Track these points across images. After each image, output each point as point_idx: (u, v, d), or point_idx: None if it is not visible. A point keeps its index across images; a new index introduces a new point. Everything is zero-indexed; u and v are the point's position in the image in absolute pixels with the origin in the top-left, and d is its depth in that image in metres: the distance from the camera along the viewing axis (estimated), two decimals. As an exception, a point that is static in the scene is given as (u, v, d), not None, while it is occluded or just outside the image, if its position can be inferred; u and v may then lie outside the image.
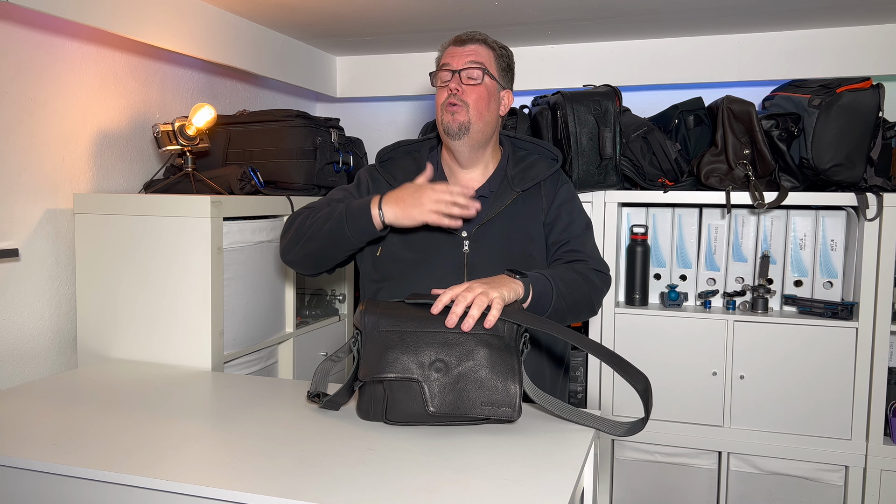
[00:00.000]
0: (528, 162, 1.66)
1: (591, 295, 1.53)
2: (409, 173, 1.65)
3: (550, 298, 1.42)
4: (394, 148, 1.75)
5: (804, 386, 2.23)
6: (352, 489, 1.07)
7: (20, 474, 1.23)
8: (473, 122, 1.56)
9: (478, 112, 1.56)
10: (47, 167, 1.94)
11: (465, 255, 1.57)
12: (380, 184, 1.68)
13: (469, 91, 1.56)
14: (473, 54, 1.58)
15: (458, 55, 1.59)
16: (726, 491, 2.32)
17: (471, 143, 1.59)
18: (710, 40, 2.67)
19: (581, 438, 1.29)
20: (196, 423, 1.40)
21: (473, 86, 1.57)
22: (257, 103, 2.92)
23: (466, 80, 1.57)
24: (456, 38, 1.62)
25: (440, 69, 1.61)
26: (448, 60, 1.60)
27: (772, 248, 2.36)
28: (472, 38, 1.60)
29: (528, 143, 1.72)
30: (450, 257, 1.57)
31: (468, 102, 1.56)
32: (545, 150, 1.70)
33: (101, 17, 1.87)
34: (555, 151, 1.70)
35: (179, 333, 1.87)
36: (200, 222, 1.84)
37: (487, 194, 1.61)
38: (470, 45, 1.59)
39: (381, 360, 1.29)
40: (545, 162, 1.67)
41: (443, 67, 1.60)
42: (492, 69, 1.60)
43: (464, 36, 1.61)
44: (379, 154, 1.74)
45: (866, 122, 2.16)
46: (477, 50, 1.59)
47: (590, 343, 1.32)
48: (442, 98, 1.59)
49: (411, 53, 3.03)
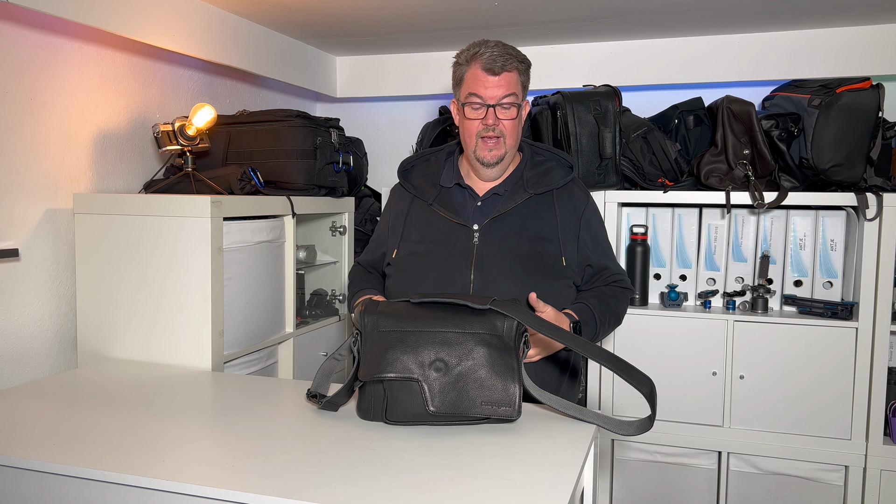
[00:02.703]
0: (545, 168, 1.69)
1: (621, 312, 1.68)
2: (425, 176, 1.71)
3: (593, 334, 1.58)
4: (416, 157, 1.78)
5: (804, 386, 2.23)
6: (352, 489, 1.07)
7: (20, 474, 1.23)
8: (509, 151, 1.61)
9: (512, 142, 1.61)
10: (47, 167, 1.94)
11: (474, 247, 1.59)
12: (402, 195, 1.74)
13: (505, 123, 1.57)
14: (507, 86, 1.55)
15: (491, 87, 1.55)
16: (726, 491, 2.32)
17: (502, 168, 1.64)
18: (710, 40, 2.67)
19: (581, 438, 1.29)
20: (196, 423, 1.40)
21: (509, 119, 1.57)
22: (257, 103, 2.92)
23: (501, 112, 1.56)
24: (484, 62, 1.55)
25: (469, 100, 1.57)
26: (480, 91, 1.55)
27: (772, 248, 2.36)
28: (504, 67, 1.54)
29: (546, 150, 1.75)
30: (460, 248, 1.60)
31: (504, 134, 1.58)
32: (562, 158, 1.74)
33: (101, 17, 1.87)
34: (570, 160, 1.73)
35: (179, 333, 1.87)
36: (200, 222, 1.84)
37: (502, 192, 1.64)
38: (504, 74, 1.55)
39: (381, 360, 1.29)
40: (561, 170, 1.70)
41: (474, 98, 1.56)
42: (520, 94, 1.60)
43: (496, 66, 1.54)
44: (400, 165, 1.77)
45: (866, 122, 2.16)
46: (510, 81, 1.56)
47: (592, 348, 1.31)
48: (475, 128, 1.58)
49: (411, 53, 3.03)
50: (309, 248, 2.63)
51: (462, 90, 1.60)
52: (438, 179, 1.69)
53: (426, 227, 1.65)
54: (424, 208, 1.67)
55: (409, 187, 1.72)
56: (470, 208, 1.64)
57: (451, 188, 1.67)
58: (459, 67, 1.61)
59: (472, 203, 1.65)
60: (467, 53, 1.59)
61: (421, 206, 1.68)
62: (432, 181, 1.69)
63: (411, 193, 1.71)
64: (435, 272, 1.59)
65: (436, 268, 1.59)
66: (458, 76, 1.62)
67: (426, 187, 1.69)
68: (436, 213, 1.65)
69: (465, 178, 1.68)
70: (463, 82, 1.60)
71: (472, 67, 1.57)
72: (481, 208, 1.64)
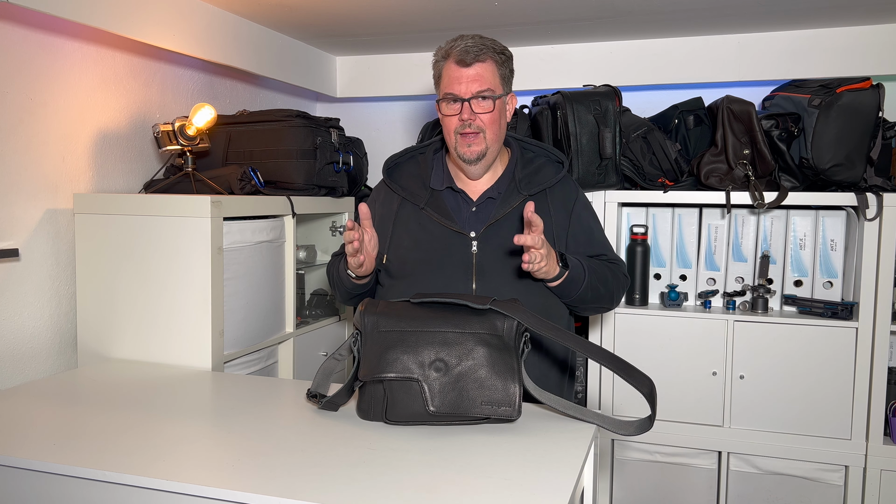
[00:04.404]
0: (536, 165, 1.66)
1: (615, 290, 1.64)
2: (413, 177, 1.66)
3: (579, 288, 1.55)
4: (401, 154, 1.74)
5: (804, 386, 2.23)
6: (352, 489, 1.07)
7: (20, 474, 1.23)
8: (490, 146, 1.56)
9: (493, 136, 1.56)
10: (47, 167, 1.94)
11: (473, 256, 1.57)
12: (388, 196, 1.69)
13: (482, 118, 1.53)
14: (479, 79, 1.51)
15: (463, 81, 1.51)
16: (726, 491, 2.32)
17: (486, 164, 1.59)
18: (710, 40, 2.67)
19: (581, 438, 1.29)
20: (196, 423, 1.40)
21: (486, 113, 1.53)
22: (257, 103, 2.92)
23: (477, 106, 1.52)
24: (456, 54, 1.51)
25: (445, 96, 1.54)
26: (453, 87, 1.52)
27: (772, 248, 2.36)
28: (477, 57, 1.50)
29: (535, 146, 1.72)
30: (458, 257, 1.57)
31: (483, 129, 1.54)
32: (551, 154, 1.70)
33: (101, 17, 1.87)
34: (560, 156, 1.70)
35: (179, 333, 1.87)
36: (200, 222, 1.84)
37: (496, 196, 1.61)
38: (475, 66, 1.51)
39: (381, 359, 1.29)
40: (552, 166, 1.67)
41: (448, 94, 1.53)
42: (498, 86, 1.54)
43: (467, 56, 1.50)
44: (385, 162, 1.72)
45: (866, 122, 2.16)
46: (482, 72, 1.51)
47: (592, 348, 1.31)
48: (453, 125, 1.55)
49: (411, 53, 3.03)
50: (309, 248, 2.63)
51: (439, 87, 1.58)
52: (428, 181, 1.64)
53: (419, 233, 1.60)
54: (415, 212, 1.62)
55: (396, 188, 1.66)
56: (465, 214, 1.61)
57: (443, 191, 1.63)
58: (436, 64, 1.58)
59: (466, 208, 1.61)
60: (444, 49, 1.56)
61: (411, 209, 1.63)
62: (422, 182, 1.64)
63: (399, 195, 1.65)
64: (434, 281, 1.55)
65: (435, 277, 1.56)
66: (435, 73, 1.59)
67: (416, 189, 1.64)
68: (428, 218, 1.60)
69: (456, 181, 1.64)
70: (440, 79, 1.57)
71: (447, 63, 1.55)
72: (476, 214, 1.60)
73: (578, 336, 1.34)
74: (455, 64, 1.53)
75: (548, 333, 1.30)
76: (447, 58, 1.55)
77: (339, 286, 1.69)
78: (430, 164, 1.67)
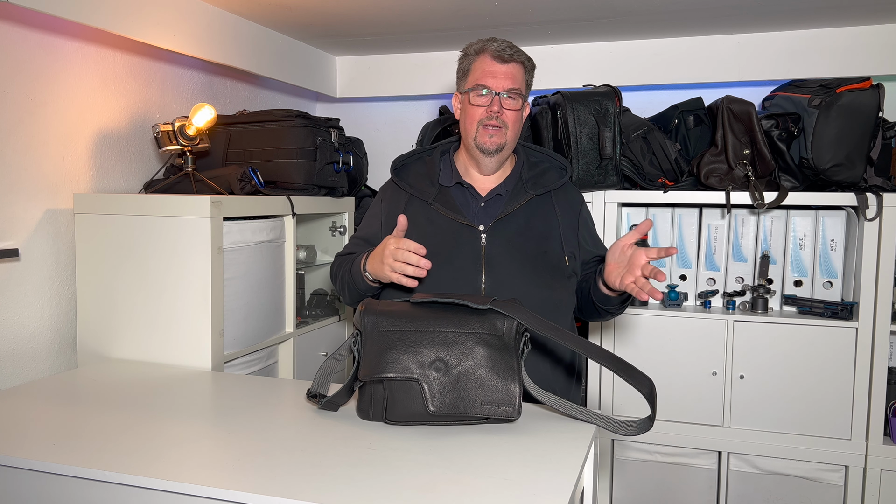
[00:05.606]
0: (541, 168, 1.71)
1: None
2: (421, 175, 1.69)
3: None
4: (408, 155, 1.77)
5: (804, 386, 2.23)
6: (352, 489, 1.07)
7: (20, 474, 1.23)
8: (509, 143, 1.62)
9: (514, 133, 1.62)
10: (47, 167, 1.94)
11: (482, 248, 1.59)
12: (395, 194, 1.71)
13: (508, 114, 1.59)
14: (513, 78, 1.59)
15: (499, 76, 1.58)
16: (726, 491, 2.32)
17: (501, 159, 1.64)
18: (710, 40, 2.67)
19: (581, 438, 1.29)
20: (196, 423, 1.40)
21: (513, 110, 1.60)
22: (257, 103, 2.92)
23: (506, 102, 1.59)
24: (494, 50, 1.58)
25: (476, 87, 1.59)
26: (487, 80, 1.58)
27: (772, 248, 2.36)
28: (513, 56, 1.58)
29: (540, 152, 1.77)
30: (468, 250, 1.59)
31: (507, 125, 1.59)
32: (555, 160, 1.75)
33: (101, 17, 1.87)
34: (563, 162, 1.75)
35: (179, 333, 1.87)
36: (200, 222, 1.84)
37: (504, 193, 1.65)
38: (511, 64, 1.59)
39: (381, 359, 1.29)
40: (556, 171, 1.72)
41: (480, 85, 1.58)
42: (525, 90, 1.63)
43: (505, 54, 1.58)
44: (393, 162, 1.75)
45: (866, 122, 2.16)
46: (516, 72, 1.59)
47: (592, 348, 1.31)
48: (478, 115, 1.59)
49: (411, 53, 3.03)
50: (309, 248, 2.63)
51: (469, 80, 1.62)
52: (437, 178, 1.67)
53: (428, 227, 1.62)
54: (424, 207, 1.65)
55: (404, 186, 1.69)
56: (473, 208, 1.63)
57: (451, 187, 1.66)
58: (467, 58, 1.63)
59: (474, 203, 1.64)
60: (476, 45, 1.62)
61: (419, 205, 1.65)
62: (430, 180, 1.67)
63: (407, 192, 1.68)
64: (444, 274, 1.56)
65: (445, 270, 1.56)
66: (464, 67, 1.64)
67: (424, 186, 1.67)
68: (437, 212, 1.63)
69: (465, 177, 1.67)
70: (470, 72, 1.62)
71: (480, 57, 1.60)
72: (485, 209, 1.63)
73: (578, 336, 1.34)
74: (492, 59, 1.59)
75: (548, 333, 1.30)
76: (481, 52, 1.60)
77: (351, 288, 1.66)
78: (438, 164, 1.70)
